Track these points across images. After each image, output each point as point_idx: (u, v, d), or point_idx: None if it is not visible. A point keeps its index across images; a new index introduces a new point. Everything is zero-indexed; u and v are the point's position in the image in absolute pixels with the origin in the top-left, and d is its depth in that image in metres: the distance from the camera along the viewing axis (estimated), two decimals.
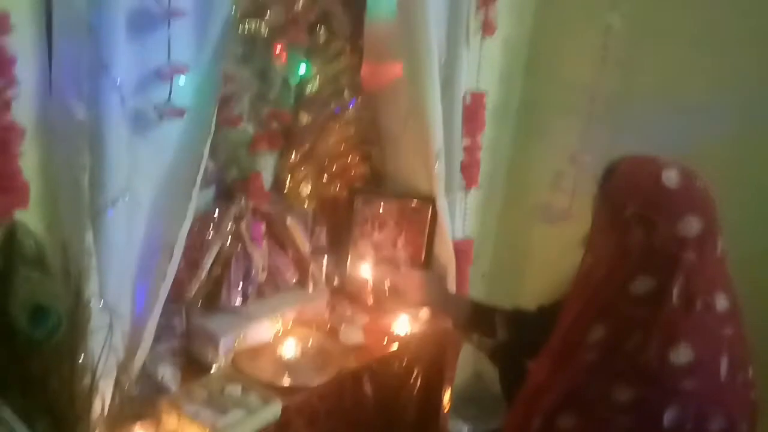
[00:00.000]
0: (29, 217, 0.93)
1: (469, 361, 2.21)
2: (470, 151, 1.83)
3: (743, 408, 0.94)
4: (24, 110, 0.91)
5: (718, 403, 0.90)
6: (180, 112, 1.05)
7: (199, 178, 1.13)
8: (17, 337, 0.80)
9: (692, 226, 0.89)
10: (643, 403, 0.89)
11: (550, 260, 1.02)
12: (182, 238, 1.13)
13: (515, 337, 1.34)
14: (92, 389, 0.95)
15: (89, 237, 0.96)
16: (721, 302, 0.92)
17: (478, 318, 1.41)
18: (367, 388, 1.53)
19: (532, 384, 1.02)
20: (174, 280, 1.40)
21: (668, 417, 0.88)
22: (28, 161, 0.92)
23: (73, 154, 0.95)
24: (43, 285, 0.83)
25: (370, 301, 1.61)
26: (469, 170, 1.85)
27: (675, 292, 0.88)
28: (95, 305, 0.99)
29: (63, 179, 0.98)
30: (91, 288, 0.98)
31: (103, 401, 1.04)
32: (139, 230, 1.10)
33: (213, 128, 1.13)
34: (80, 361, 0.98)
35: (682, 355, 0.88)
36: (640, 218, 0.91)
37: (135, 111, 1.02)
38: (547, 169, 2.17)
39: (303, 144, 1.66)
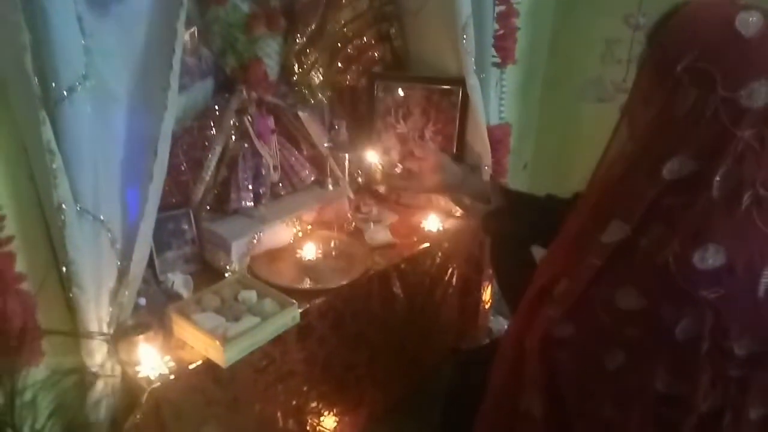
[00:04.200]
0: None
1: None
2: (505, 18, 1.57)
3: None
4: None
5: (747, 322, 0.73)
6: None
7: (176, 61, 0.98)
8: None
9: (761, 93, 0.68)
10: (652, 312, 0.73)
11: (602, 147, 0.82)
12: (166, 132, 1.00)
13: (513, 209, 1.19)
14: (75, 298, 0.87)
15: (48, 132, 0.84)
16: None
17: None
18: (397, 288, 1.44)
19: (536, 286, 0.88)
20: (177, 182, 1.31)
21: (681, 330, 0.72)
22: None
23: (9, 33, 0.80)
24: None
25: (382, 188, 1.46)
26: (503, 43, 1.60)
27: (718, 179, 0.70)
28: (70, 210, 0.88)
29: (5, 65, 0.85)
30: (61, 192, 0.87)
31: (99, 311, 0.97)
32: (117, 126, 0.98)
33: (185, 1, 0.96)
34: (64, 270, 0.90)
35: (710, 258, 0.71)
36: (696, 73, 0.69)
37: None
38: (597, 36, 1.87)
39: (308, 24, 1.45)
